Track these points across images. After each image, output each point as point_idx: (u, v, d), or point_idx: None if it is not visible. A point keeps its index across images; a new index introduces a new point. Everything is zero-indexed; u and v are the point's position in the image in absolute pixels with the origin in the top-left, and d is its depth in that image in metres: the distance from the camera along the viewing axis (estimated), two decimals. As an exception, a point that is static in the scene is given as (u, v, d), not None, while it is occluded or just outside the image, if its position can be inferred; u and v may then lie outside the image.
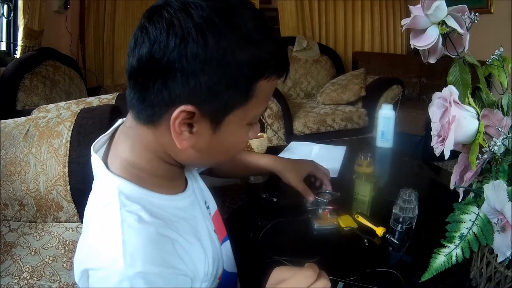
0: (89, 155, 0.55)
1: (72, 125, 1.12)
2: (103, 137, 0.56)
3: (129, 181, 0.50)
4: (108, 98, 1.44)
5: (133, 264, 0.42)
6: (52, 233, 1.08)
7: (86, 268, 0.46)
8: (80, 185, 1.08)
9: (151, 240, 0.46)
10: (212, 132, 0.49)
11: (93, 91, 2.57)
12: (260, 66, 0.46)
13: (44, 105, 1.39)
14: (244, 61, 0.44)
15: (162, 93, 0.45)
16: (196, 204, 0.61)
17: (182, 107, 0.45)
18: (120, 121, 0.58)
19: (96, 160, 0.53)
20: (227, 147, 0.53)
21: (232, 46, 0.44)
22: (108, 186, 0.50)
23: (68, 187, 1.08)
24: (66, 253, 1.02)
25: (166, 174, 0.55)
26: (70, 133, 1.11)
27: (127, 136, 0.53)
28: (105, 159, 0.54)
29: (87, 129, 1.12)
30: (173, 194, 0.56)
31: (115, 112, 1.18)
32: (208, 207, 0.67)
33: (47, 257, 1.00)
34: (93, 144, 0.54)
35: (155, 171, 0.53)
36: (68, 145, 1.09)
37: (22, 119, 1.17)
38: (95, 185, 0.53)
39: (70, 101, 1.39)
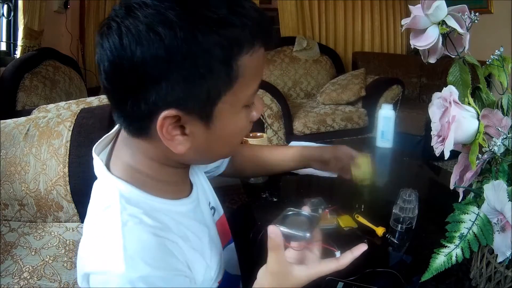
0: (90, 155, 0.54)
1: (72, 125, 1.12)
2: (106, 138, 0.55)
3: (130, 184, 0.49)
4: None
5: (134, 267, 0.42)
6: (52, 233, 1.08)
7: (87, 272, 0.45)
8: (80, 185, 1.07)
9: (152, 243, 0.45)
10: (206, 128, 0.46)
11: (93, 91, 2.57)
12: (233, 44, 0.42)
13: (44, 105, 1.39)
14: (211, 45, 0.40)
15: (139, 107, 0.42)
16: (198, 209, 0.60)
17: (163, 114, 0.42)
18: None
19: (97, 163, 0.52)
20: (228, 138, 0.50)
21: (192, 33, 0.40)
22: (109, 189, 0.49)
23: (68, 187, 1.08)
24: (66, 253, 1.02)
25: (169, 179, 0.53)
26: (70, 133, 1.11)
27: (126, 145, 0.52)
28: (107, 161, 0.53)
29: (87, 129, 1.11)
30: (176, 199, 0.55)
31: (115, 112, 1.18)
32: (212, 208, 0.66)
33: (47, 257, 1.00)
34: (95, 146, 0.53)
35: (158, 176, 0.52)
36: (68, 145, 1.09)
37: (22, 119, 1.17)
38: (96, 186, 0.53)
39: (70, 101, 1.39)
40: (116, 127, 0.55)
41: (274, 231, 0.49)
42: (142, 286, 0.42)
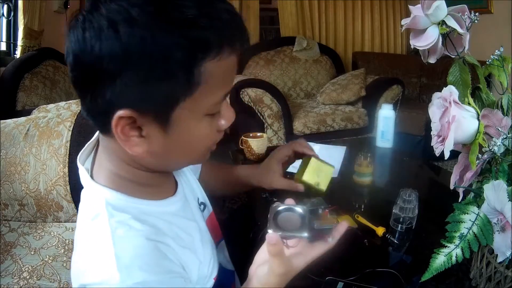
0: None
1: (72, 125, 1.12)
2: (88, 146, 0.54)
3: (115, 190, 0.48)
4: (108, 98, 1.43)
5: (129, 274, 0.41)
6: (52, 233, 1.08)
7: (83, 284, 0.45)
8: (80, 185, 1.07)
9: (144, 247, 0.45)
10: (164, 132, 0.44)
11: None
12: (196, 46, 0.39)
13: (44, 105, 1.39)
14: (171, 46, 0.38)
15: (97, 102, 0.41)
16: (187, 207, 0.59)
17: (118, 114, 0.41)
18: None
19: (82, 172, 0.51)
20: (188, 145, 0.47)
21: (151, 32, 0.38)
22: (95, 197, 0.48)
23: (68, 187, 1.08)
24: (66, 253, 1.02)
25: (150, 182, 0.52)
26: (70, 133, 1.11)
27: (103, 146, 0.51)
28: (91, 169, 0.52)
29: (87, 129, 1.11)
30: (162, 199, 0.54)
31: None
32: (201, 204, 0.66)
33: (47, 256, 1.00)
34: (79, 155, 0.52)
35: (138, 180, 0.51)
36: (68, 145, 1.09)
37: (22, 119, 1.17)
38: (83, 196, 0.52)
39: (70, 101, 1.39)
40: (96, 135, 0.54)
41: (274, 239, 0.48)
42: None
